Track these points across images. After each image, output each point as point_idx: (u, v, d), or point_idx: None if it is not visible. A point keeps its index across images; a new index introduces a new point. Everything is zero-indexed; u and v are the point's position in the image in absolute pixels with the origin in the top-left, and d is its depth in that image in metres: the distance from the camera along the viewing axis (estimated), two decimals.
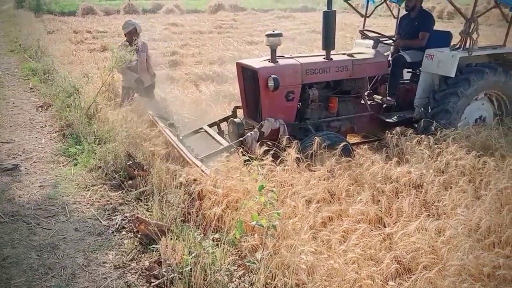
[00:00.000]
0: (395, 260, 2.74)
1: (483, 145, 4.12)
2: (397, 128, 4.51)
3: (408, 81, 5.74)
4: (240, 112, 5.29)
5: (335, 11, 4.60)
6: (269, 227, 2.84)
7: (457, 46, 4.94)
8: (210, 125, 5.33)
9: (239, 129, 4.76)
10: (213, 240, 2.98)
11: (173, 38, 14.56)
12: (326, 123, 4.92)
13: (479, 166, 3.70)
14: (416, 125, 4.95)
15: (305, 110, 4.86)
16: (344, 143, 4.24)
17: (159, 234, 3.04)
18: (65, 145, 5.11)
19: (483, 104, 5.26)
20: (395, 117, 5.19)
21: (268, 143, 4.10)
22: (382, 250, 2.83)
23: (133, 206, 3.73)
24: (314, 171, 3.84)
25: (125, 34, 6.30)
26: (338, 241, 2.93)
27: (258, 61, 4.77)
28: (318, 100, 4.84)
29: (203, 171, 3.68)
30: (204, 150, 4.58)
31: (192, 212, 3.39)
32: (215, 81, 8.92)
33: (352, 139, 5.64)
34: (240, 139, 4.43)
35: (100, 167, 4.37)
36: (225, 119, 5.35)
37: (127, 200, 3.83)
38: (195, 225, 3.32)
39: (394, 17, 6.29)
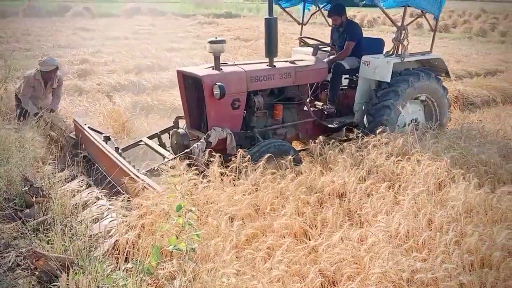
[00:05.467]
0: (320, 273, 2.85)
1: (400, 151, 4.46)
2: (320, 137, 4.75)
3: (346, 87, 6.18)
4: (182, 123, 5.32)
5: (277, 18, 4.81)
6: (188, 250, 2.82)
7: (391, 52, 5.46)
8: (150, 137, 5.31)
9: (184, 141, 4.76)
10: (125, 271, 2.89)
11: (83, 44, 14.13)
12: (272, 131, 5.14)
13: (397, 172, 4.01)
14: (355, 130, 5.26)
15: (251, 118, 5.03)
16: (294, 151, 4.54)
17: (61, 270, 2.88)
18: None
19: (415, 107, 5.84)
20: (337, 122, 5.57)
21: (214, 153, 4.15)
22: (307, 264, 2.93)
23: (30, 239, 3.48)
24: (238, 185, 3.88)
25: (41, 71, 6.02)
26: (263, 259, 2.98)
27: (201, 68, 4.84)
28: (263, 108, 5.03)
29: (150, 186, 3.59)
30: (144, 164, 4.51)
31: (102, 240, 3.25)
32: (131, 91, 8.75)
33: None
34: (186, 150, 4.44)
35: None
36: (166, 131, 5.38)
37: (22, 233, 3.56)
38: (105, 254, 3.18)
39: (329, 24, 6.70)
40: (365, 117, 5.54)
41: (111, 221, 3.51)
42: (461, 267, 2.74)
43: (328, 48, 6.10)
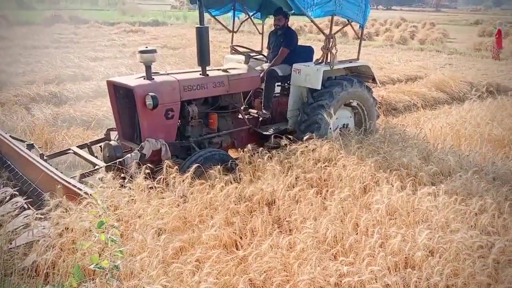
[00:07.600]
0: (250, 283, 2.85)
1: (327, 157, 4.59)
2: (249, 146, 4.80)
3: (279, 94, 6.32)
4: (113, 135, 5.16)
5: (208, 27, 4.83)
6: (111, 268, 2.71)
7: (320, 60, 5.65)
8: (80, 147, 5.13)
9: (116, 153, 4.61)
10: None
11: None
12: (208, 140, 5.13)
13: (325, 177, 4.12)
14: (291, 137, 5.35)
15: (186, 128, 5.01)
16: (231, 159, 4.62)
17: None
18: None
19: (346, 113, 6.08)
20: (271, 129, 5.69)
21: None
22: (237, 274, 2.91)
23: None
24: (165, 197, 3.79)
25: None
26: (191, 272, 2.92)
27: (132, 78, 4.75)
28: (198, 117, 5.02)
29: (81, 190, 3.42)
30: (73, 172, 4.26)
31: (17, 260, 3.05)
32: (52, 103, 8.35)
33: None
34: (119, 160, 4.30)
35: None
36: (97, 142, 5.25)
37: None
38: (22, 276, 2.99)
39: (259, 32, 6.90)
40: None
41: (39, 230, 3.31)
42: (386, 269, 2.86)
43: (260, 56, 6.22)
